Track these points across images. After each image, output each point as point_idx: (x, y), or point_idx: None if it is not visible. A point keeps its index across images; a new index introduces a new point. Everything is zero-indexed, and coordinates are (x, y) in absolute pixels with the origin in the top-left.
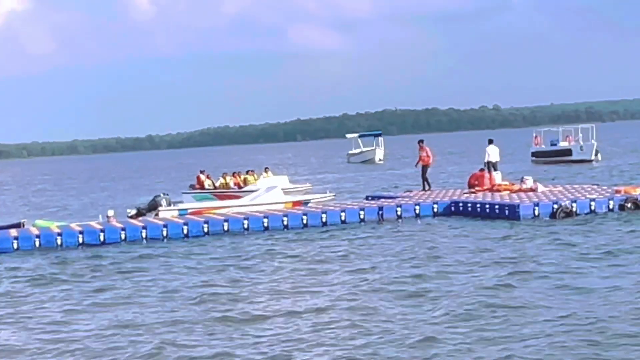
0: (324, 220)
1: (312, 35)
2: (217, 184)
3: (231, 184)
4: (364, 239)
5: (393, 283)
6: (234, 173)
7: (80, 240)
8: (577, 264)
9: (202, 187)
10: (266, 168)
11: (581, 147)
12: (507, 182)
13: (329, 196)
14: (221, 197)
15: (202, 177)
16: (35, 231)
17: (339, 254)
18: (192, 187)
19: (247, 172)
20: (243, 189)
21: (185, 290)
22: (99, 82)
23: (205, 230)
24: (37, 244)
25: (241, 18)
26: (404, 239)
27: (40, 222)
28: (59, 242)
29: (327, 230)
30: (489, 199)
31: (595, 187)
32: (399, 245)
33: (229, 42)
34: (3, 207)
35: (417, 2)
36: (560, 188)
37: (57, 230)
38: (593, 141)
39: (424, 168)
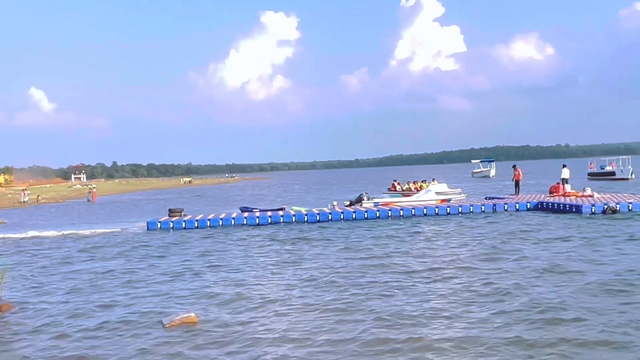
0: (459, 210)
1: (452, 100)
2: (404, 188)
3: (412, 188)
4: (485, 222)
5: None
6: (414, 181)
7: (317, 218)
8: (621, 240)
9: (395, 190)
10: (433, 179)
11: (622, 170)
12: (573, 191)
13: (463, 196)
14: (405, 196)
15: (395, 183)
16: (292, 212)
17: (471, 229)
18: (389, 190)
19: (422, 181)
20: (417, 192)
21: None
22: (330, 126)
23: (389, 214)
24: (293, 220)
25: (411, 91)
26: (510, 222)
27: (295, 208)
28: (305, 219)
29: (460, 216)
30: (562, 201)
31: (632, 195)
32: (509, 226)
33: (403, 104)
34: (272, 198)
35: (516, 79)
36: (608, 195)
37: (304, 212)
38: (629, 166)
39: (517, 182)
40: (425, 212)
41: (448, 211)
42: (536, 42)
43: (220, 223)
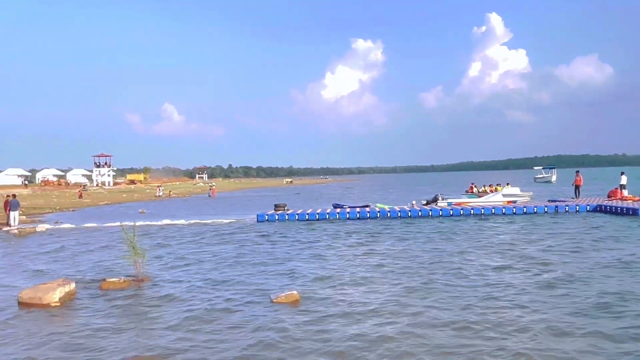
0: (524, 211)
1: (517, 114)
2: (480, 190)
3: (487, 191)
4: (547, 221)
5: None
6: (490, 185)
7: (398, 215)
8: None
9: (472, 191)
10: (507, 183)
11: None
12: (631, 195)
13: (528, 199)
14: (480, 197)
15: (473, 186)
16: (377, 209)
17: (536, 227)
18: (466, 191)
19: (497, 184)
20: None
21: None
22: (409, 136)
23: (461, 212)
24: (377, 216)
25: (482, 106)
26: (571, 222)
27: (379, 205)
28: (388, 215)
29: (525, 215)
30: (620, 204)
31: None
32: (570, 225)
33: (474, 117)
34: (359, 197)
35: (576, 95)
36: None
37: (387, 209)
38: None
39: (577, 186)
40: (493, 211)
41: (514, 211)
42: (595, 63)
43: (317, 217)
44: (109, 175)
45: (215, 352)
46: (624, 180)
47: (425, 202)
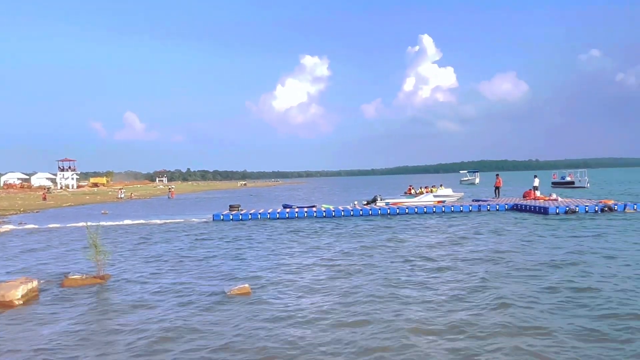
0: (452, 209)
1: (446, 124)
2: (417, 191)
3: (424, 192)
4: (472, 218)
5: (498, 231)
6: (426, 186)
7: (342, 214)
8: (579, 233)
9: (410, 193)
10: (441, 184)
11: (579, 180)
12: (542, 196)
13: (459, 197)
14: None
15: (410, 187)
16: (322, 209)
17: (465, 224)
18: (405, 193)
19: (432, 186)
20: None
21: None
22: (352, 142)
23: (397, 211)
24: (323, 215)
25: (415, 116)
26: (492, 218)
27: (324, 205)
28: (332, 214)
29: (452, 213)
30: (533, 203)
31: (587, 199)
32: (495, 220)
33: (409, 127)
34: (307, 198)
35: (496, 109)
36: (569, 199)
37: (332, 209)
38: (586, 177)
39: (497, 187)
40: (425, 210)
41: (443, 210)
42: (513, 80)
43: (268, 216)
44: (72, 178)
45: (176, 345)
46: (536, 182)
47: (365, 202)
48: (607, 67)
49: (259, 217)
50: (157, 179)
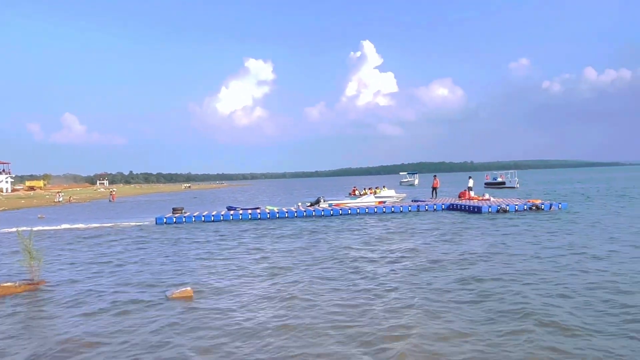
0: (392, 210)
1: (387, 127)
2: (361, 193)
3: (368, 193)
4: (411, 218)
5: (430, 230)
6: (370, 188)
7: (286, 215)
8: (506, 230)
9: (354, 194)
10: (384, 186)
11: (510, 180)
12: (476, 196)
13: (401, 198)
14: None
15: (355, 189)
16: (267, 210)
17: (402, 223)
18: (349, 194)
19: (376, 187)
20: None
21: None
22: (296, 145)
23: (340, 212)
24: (267, 216)
25: (357, 120)
26: (431, 217)
27: (269, 207)
28: (277, 216)
29: (393, 214)
30: (468, 203)
31: (517, 199)
32: (430, 219)
33: (352, 130)
34: (251, 200)
35: (435, 112)
36: (501, 199)
37: (276, 210)
38: (515, 178)
39: (435, 188)
40: (367, 210)
41: (384, 210)
42: (449, 85)
43: (212, 219)
44: (6, 182)
45: (112, 350)
46: (471, 183)
47: (309, 203)
48: (535, 75)
49: (203, 219)
50: (98, 182)
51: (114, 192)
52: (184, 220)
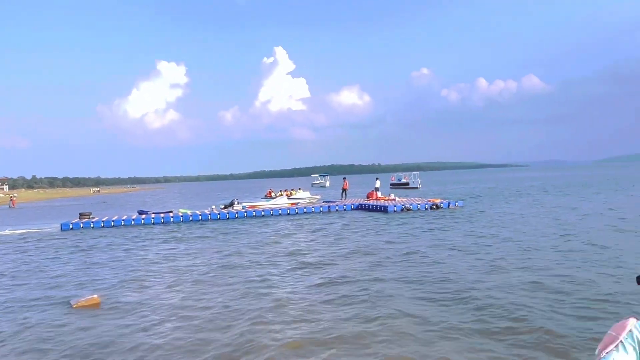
0: (305, 210)
1: (300, 131)
2: (277, 195)
3: (284, 195)
4: (322, 218)
5: (343, 226)
6: (286, 190)
7: (199, 218)
8: (415, 225)
9: (270, 196)
10: (300, 188)
11: (413, 181)
12: (383, 196)
13: (317, 199)
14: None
15: (270, 191)
16: (180, 214)
17: (311, 223)
18: (265, 196)
19: (292, 189)
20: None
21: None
22: (211, 148)
23: (254, 214)
24: (181, 219)
25: (271, 124)
26: (340, 217)
27: (182, 210)
28: (190, 219)
29: (305, 214)
30: (375, 203)
31: (419, 198)
32: (340, 220)
33: (265, 134)
34: (162, 204)
35: (345, 118)
36: (405, 199)
37: (190, 213)
38: (418, 179)
39: (344, 190)
40: (280, 212)
41: (296, 211)
42: (358, 92)
43: (123, 223)
44: None
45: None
46: (378, 184)
47: (223, 206)
48: (435, 84)
49: (113, 224)
50: None
51: (14, 198)
52: (92, 225)
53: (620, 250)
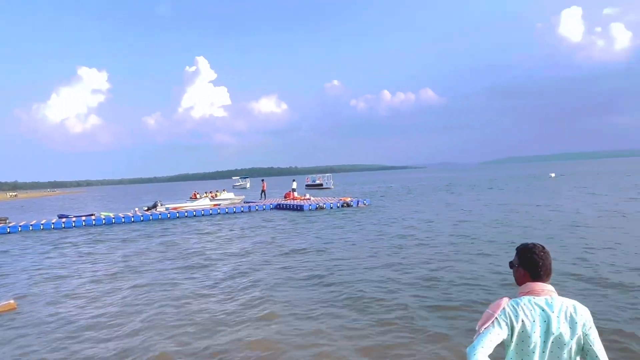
0: (226, 211)
1: (223, 137)
2: (202, 196)
3: (209, 197)
4: (241, 217)
5: (259, 227)
6: (211, 191)
7: (122, 220)
8: (329, 224)
9: (195, 197)
10: (224, 189)
11: (326, 182)
12: (299, 196)
13: (240, 200)
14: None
15: (195, 193)
16: (102, 217)
17: (231, 223)
18: (190, 198)
19: (217, 191)
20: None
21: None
22: (134, 152)
23: (177, 215)
24: (103, 222)
25: (194, 130)
26: (259, 216)
27: (103, 213)
28: (113, 221)
29: (227, 214)
30: (292, 202)
31: (332, 198)
32: (258, 218)
33: (189, 139)
34: (83, 207)
35: (264, 124)
36: (319, 198)
37: (112, 216)
38: (331, 180)
39: (263, 191)
40: (202, 213)
41: (218, 212)
42: (276, 101)
43: (42, 227)
44: None
45: None
46: (294, 185)
47: (146, 208)
48: (345, 94)
49: (31, 228)
50: None
51: None
52: (8, 230)
53: (481, 241)
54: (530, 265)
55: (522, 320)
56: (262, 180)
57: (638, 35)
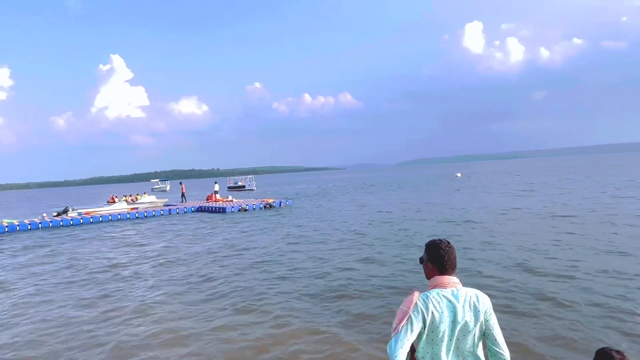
0: (145, 214)
1: (141, 138)
2: (121, 200)
3: (129, 200)
4: (160, 221)
5: (187, 229)
6: (130, 195)
7: (28, 227)
8: (249, 226)
9: (113, 201)
10: (145, 192)
11: (249, 184)
12: (222, 198)
13: (163, 203)
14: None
15: (113, 196)
16: (4, 224)
17: (148, 227)
18: (108, 202)
19: (137, 194)
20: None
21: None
22: (41, 154)
23: (91, 221)
24: (6, 230)
25: (109, 130)
26: (182, 218)
27: (5, 220)
28: (17, 229)
29: (145, 218)
30: (214, 205)
31: (254, 199)
32: (182, 220)
33: (104, 140)
34: None
35: (183, 126)
36: (242, 200)
37: (16, 223)
38: (254, 182)
39: (183, 193)
40: (119, 217)
41: (137, 215)
42: (196, 102)
43: None
44: None
45: None
46: (217, 187)
47: (56, 213)
48: (267, 97)
49: None
50: None
51: None
52: None
53: (379, 239)
54: (437, 259)
55: (432, 312)
56: (180, 182)
57: (529, 50)
